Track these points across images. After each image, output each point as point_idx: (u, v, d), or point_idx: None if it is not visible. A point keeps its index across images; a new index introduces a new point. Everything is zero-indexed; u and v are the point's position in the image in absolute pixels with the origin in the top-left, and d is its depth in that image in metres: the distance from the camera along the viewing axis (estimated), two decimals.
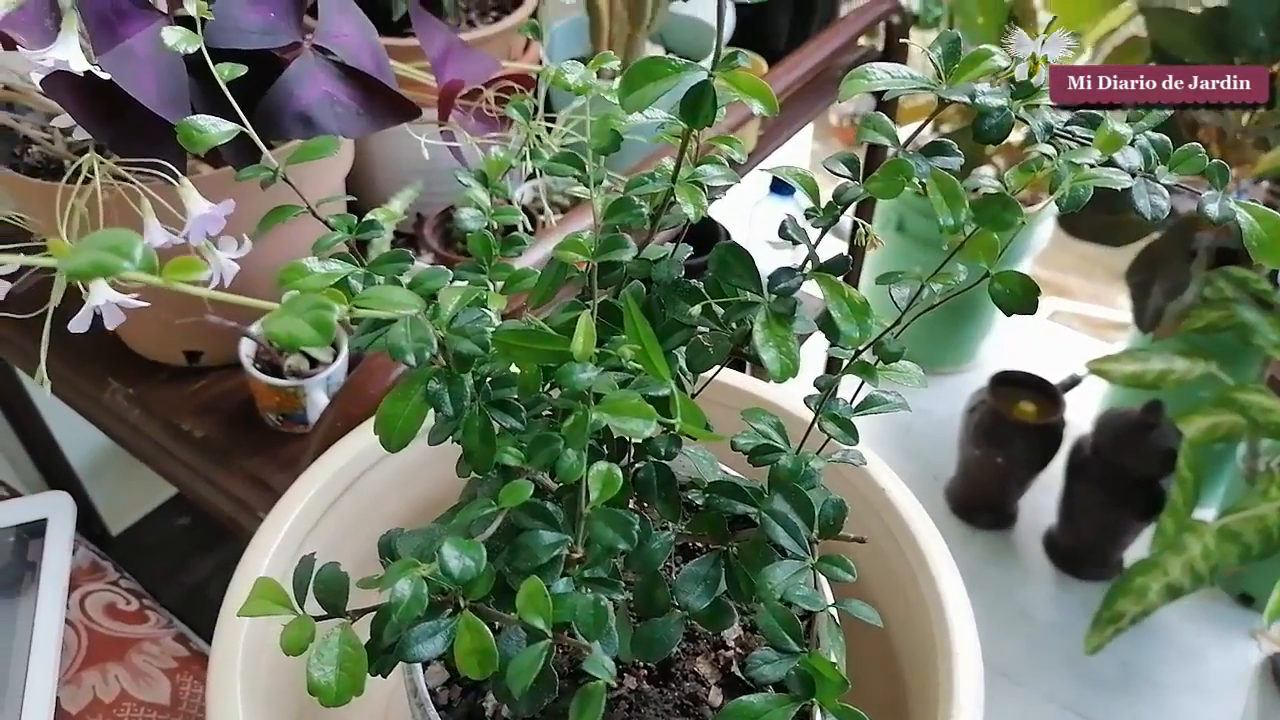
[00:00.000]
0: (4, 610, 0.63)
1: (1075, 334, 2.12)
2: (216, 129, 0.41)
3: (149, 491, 1.26)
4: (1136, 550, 1.59)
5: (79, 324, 0.53)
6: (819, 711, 0.32)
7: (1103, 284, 2.23)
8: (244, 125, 0.42)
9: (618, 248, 0.33)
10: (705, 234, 1.32)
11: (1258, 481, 1.31)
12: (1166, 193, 0.31)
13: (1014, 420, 1.62)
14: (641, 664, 0.46)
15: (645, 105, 0.31)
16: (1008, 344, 2.01)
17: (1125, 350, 1.52)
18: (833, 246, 0.36)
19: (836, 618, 0.37)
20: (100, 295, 0.50)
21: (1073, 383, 1.66)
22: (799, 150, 2.15)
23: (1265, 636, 1.33)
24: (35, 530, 0.68)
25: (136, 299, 0.50)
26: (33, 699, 0.59)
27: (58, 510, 0.70)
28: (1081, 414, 1.70)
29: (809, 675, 0.32)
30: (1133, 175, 0.31)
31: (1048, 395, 1.65)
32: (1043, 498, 1.69)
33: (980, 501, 1.73)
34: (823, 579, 0.40)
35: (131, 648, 0.66)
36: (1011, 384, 1.66)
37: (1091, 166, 0.30)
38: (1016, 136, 0.32)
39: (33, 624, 0.62)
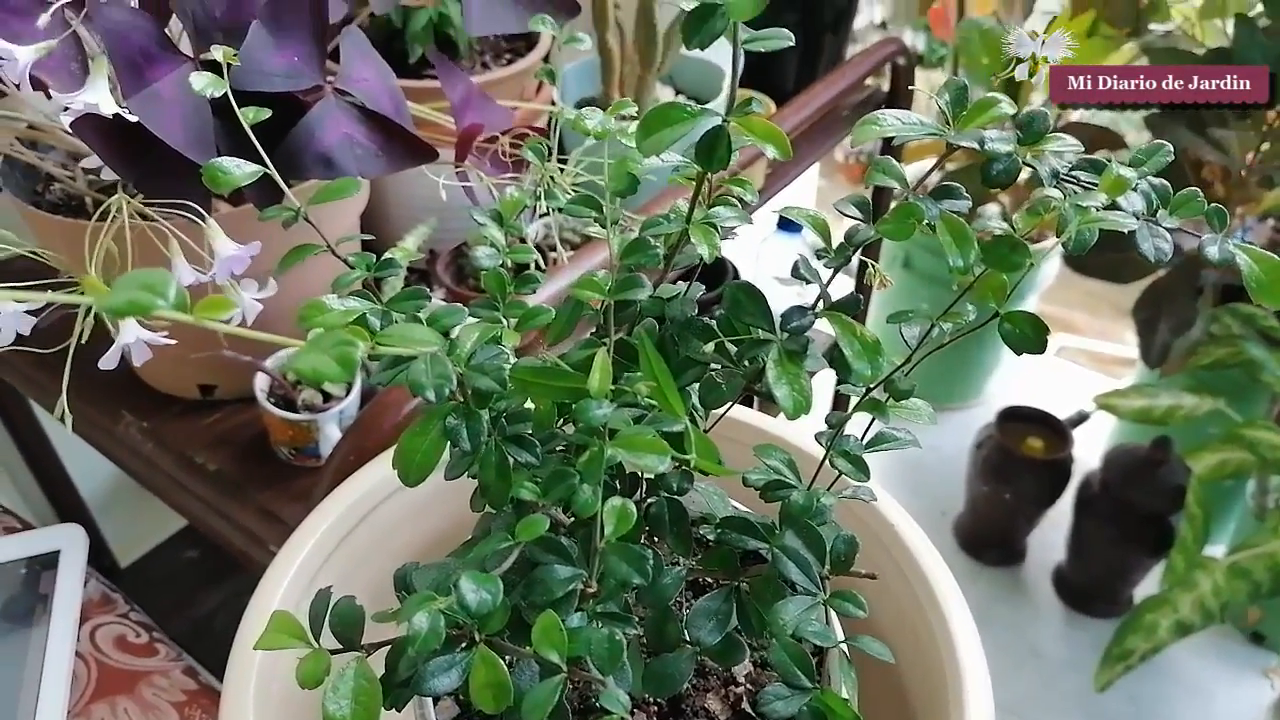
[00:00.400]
0: (15, 641, 0.64)
1: (1082, 370, 2.12)
2: (240, 170, 0.42)
3: (158, 524, 1.26)
4: (1146, 587, 1.58)
5: (108, 361, 0.53)
6: None
7: (1109, 320, 2.24)
8: (267, 167, 0.43)
9: (634, 287, 0.33)
10: (714, 270, 1.33)
11: (1267, 518, 1.31)
12: (1169, 235, 0.32)
13: (1022, 456, 1.62)
14: (652, 700, 0.46)
15: (662, 149, 0.32)
16: (1015, 380, 2.01)
17: (1133, 385, 1.52)
18: (840, 282, 0.36)
19: (848, 654, 0.38)
20: (130, 333, 0.51)
21: (1080, 419, 1.66)
22: (806, 187, 2.17)
23: (1277, 675, 1.32)
24: (48, 562, 0.69)
25: (166, 337, 0.51)
26: None
27: (70, 543, 0.70)
28: (1089, 450, 1.70)
29: (821, 712, 0.32)
30: (1136, 218, 0.31)
31: (1055, 431, 1.65)
32: (1051, 534, 1.68)
33: (989, 537, 1.72)
34: (833, 615, 0.40)
35: (141, 680, 0.66)
36: (1019, 420, 1.66)
37: (1097, 210, 0.30)
38: (1021, 176, 0.33)
39: (44, 656, 0.63)
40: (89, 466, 0.95)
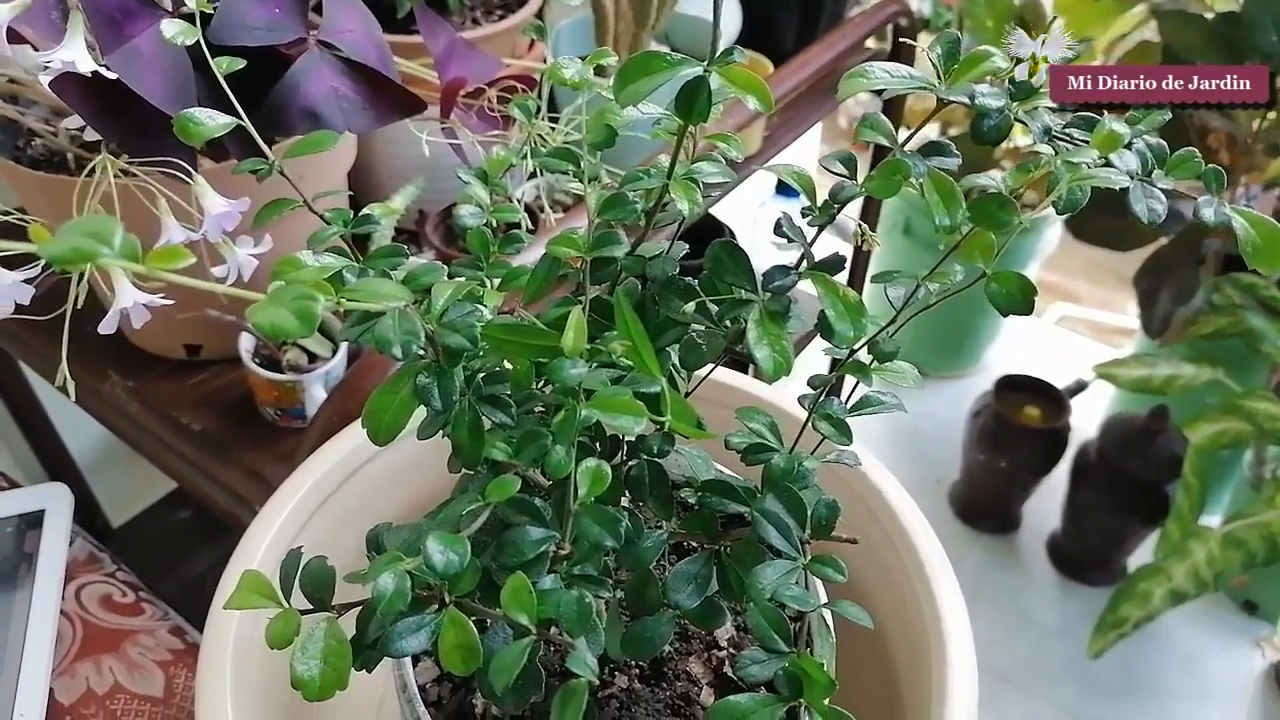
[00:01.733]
0: (0, 600, 0.64)
1: (1082, 339, 2.11)
2: (213, 121, 0.41)
3: (150, 484, 1.26)
4: (1141, 556, 1.59)
5: (107, 326, 0.53)
6: (807, 712, 0.32)
7: (1110, 289, 2.22)
8: (243, 119, 0.42)
9: (610, 243, 0.32)
10: (710, 234, 1.32)
11: (1263, 488, 1.31)
12: (1164, 197, 0.31)
13: (1019, 425, 1.61)
14: (633, 663, 0.46)
15: (640, 99, 0.31)
16: (1013, 348, 2.00)
17: (1132, 355, 1.51)
18: (840, 248, 0.36)
19: (828, 619, 0.37)
20: (127, 297, 0.51)
21: (1079, 388, 1.66)
22: (807, 151, 2.14)
23: (1270, 644, 1.32)
24: (33, 521, 0.68)
25: (163, 299, 0.51)
26: (27, 690, 0.59)
27: (55, 502, 0.70)
28: (1087, 419, 1.69)
29: (797, 676, 0.32)
30: (1130, 178, 0.30)
31: (1053, 400, 1.64)
32: (1047, 502, 1.68)
33: (984, 506, 1.72)
34: (816, 580, 0.39)
35: (126, 640, 0.66)
36: (1017, 388, 1.66)
37: (1088, 167, 0.29)
38: (1024, 141, 0.32)
39: (28, 615, 0.63)
40: (80, 427, 0.95)
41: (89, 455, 1.20)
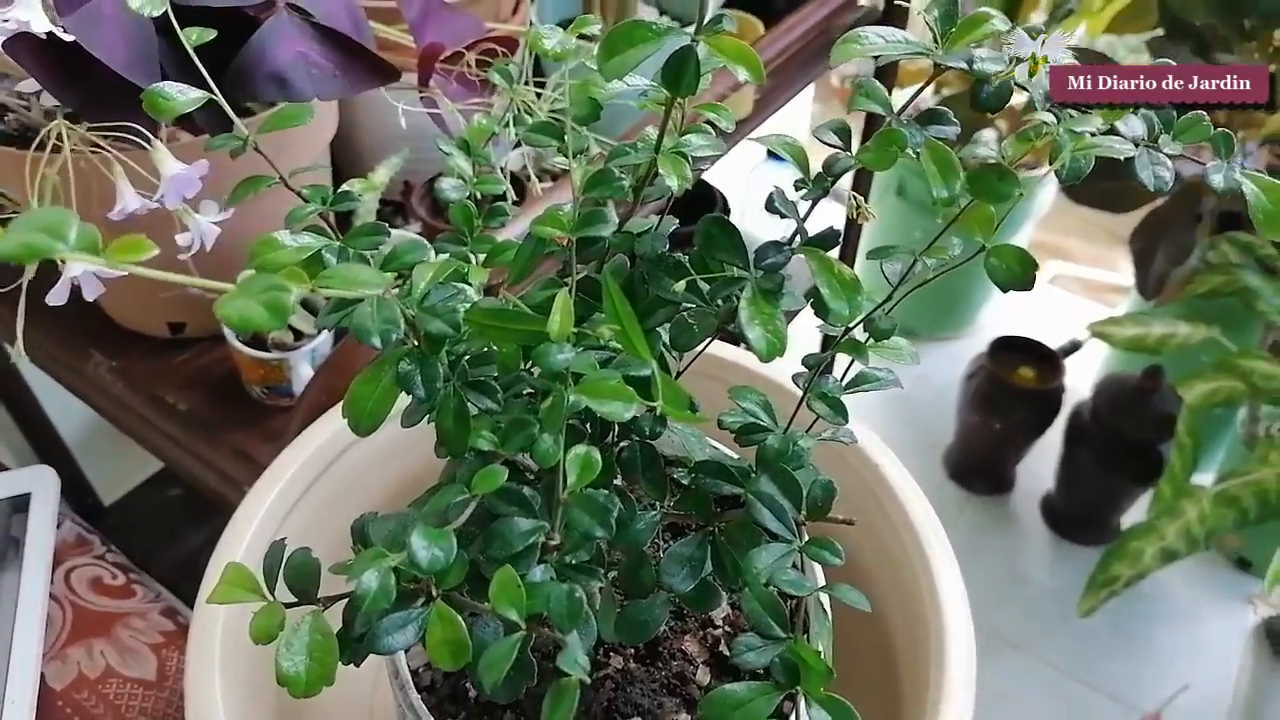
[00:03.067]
0: None
1: (1075, 298, 2.10)
2: (184, 96, 0.40)
3: (141, 462, 1.25)
4: (1134, 515, 1.59)
5: (57, 296, 0.51)
6: (804, 700, 0.31)
7: (1104, 247, 2.21)
8: (213, 93, 0.40)
9: (597, 222, 0.31)
10: (702, 200, 1.30)
11: (1257, 447, 1.31)
12: (1170, 163, 0.30)
13: (1013, 386, 1.61)
14: (629, 643, 0.45)
15: (625, 72, 0.30)
16: (1007, 309, 2.00)
17: (1127, 314, 1.50)
18: (835, 215, 0.34)
19: (824, 602, 0.37)
20: (76, 266, 0.49)
21: (1073, 348, 1.65)
22: (799, 113, 2.12)
23: (1261, 601, 1.33)
24: (19, 505, 0.67)
25: (119, 270, 0.49)
26: (17, 676, 0.58)
27: (41, 484, 0.69)
28: (1081, 379, 1.69)
29: (794, 663, 0.31)
30: (1135, 145, 0.29)
31: (1047, 360, 1.64)
32: (1041, 463, 1.69)
33: (978, 467, 1.72)
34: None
35: (117, 622, 0.65)
36: (1011, 349, 1.65)
37: (1093, 135, 0.28)
38: (1020, 99, 0.31)
39: (16, 600, 0.62)
40: (69, 406, 0.94)
41: (78, 434, 1.18)
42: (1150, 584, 1.27)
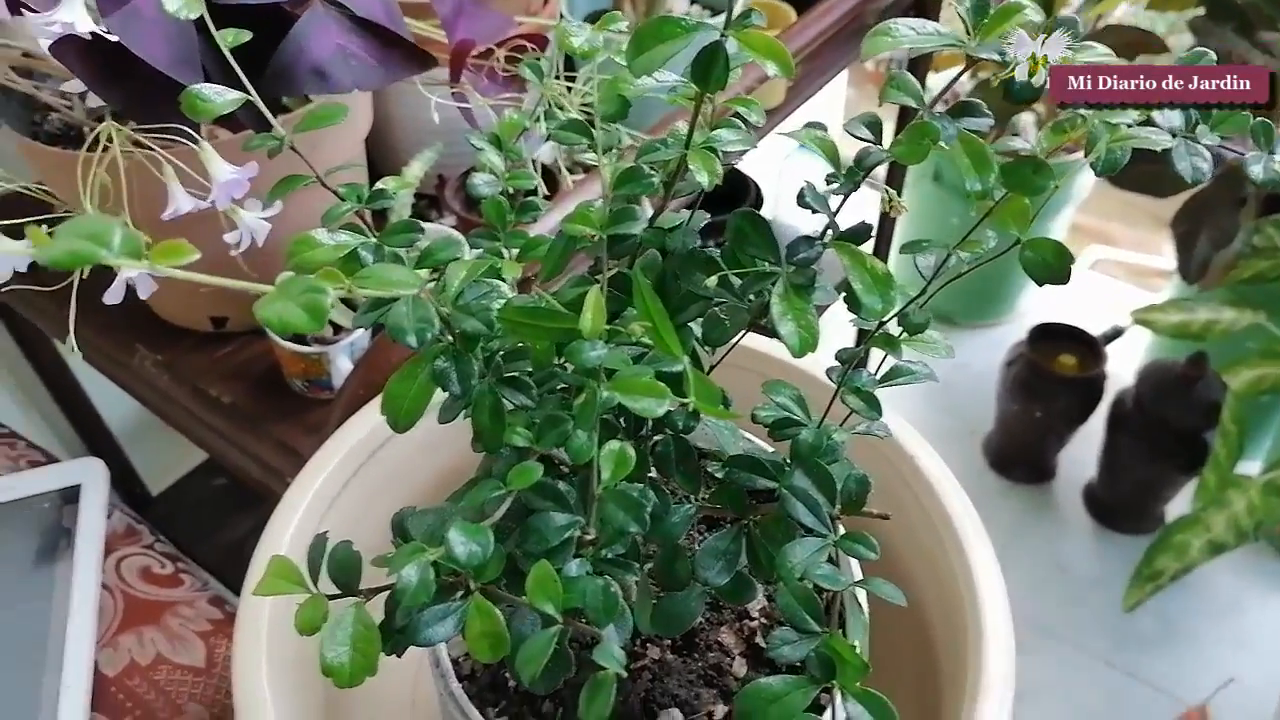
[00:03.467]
0: (42, 576, 0.65)
1: (1117, 283, 2.06)
2: (221, 98, 0.40)
3: (186, 452, 1.27)
4: (1178, 505, 1.56)
5: (113, 296, 0.52)
6: (839, 694, 0.31)
7: (1147, 230, 2.17)
8: (249, 92, 0.41)
9: (628, 220, 0.31)
10: (735, 189, 1.30)
11: None
12: (1208, 154, 0.29)
13: (1054, 373, 1.59)
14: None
15: (654, 68, 0.30)
16: (1048, 295, 1.97)
17: (1170, 300, 1.47)
18: (867, 201, 0.34)
19: (860, 596, 0.37)
20: (131, 269, 0.50)
21: (1115, 334, 1.62)
22: (834, 98, 2.10)
23: None
24: (70, 496, 0.69)
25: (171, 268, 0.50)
26: (72, 663, 0.60)
27: (92, 476, 0.71)
28: (1123, 366, 1.66)
29: (829, 658, 0.31)
30: (1173, 135, 0.29)
31: (1089, 347, 1.61)
32: (1083, 451, 1.66)
33: (1019, 455, 1.70)
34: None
35: (166, 611, 0.67)
36: (1052, 336, 1.63)
37: (1129, 126, 0.28)
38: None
39: (70, 589, 0.64)
40: (116, 398, 0.96)
41: (125, 425, 1.21)
42: (1195, 574, 1.25)
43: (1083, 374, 1.59)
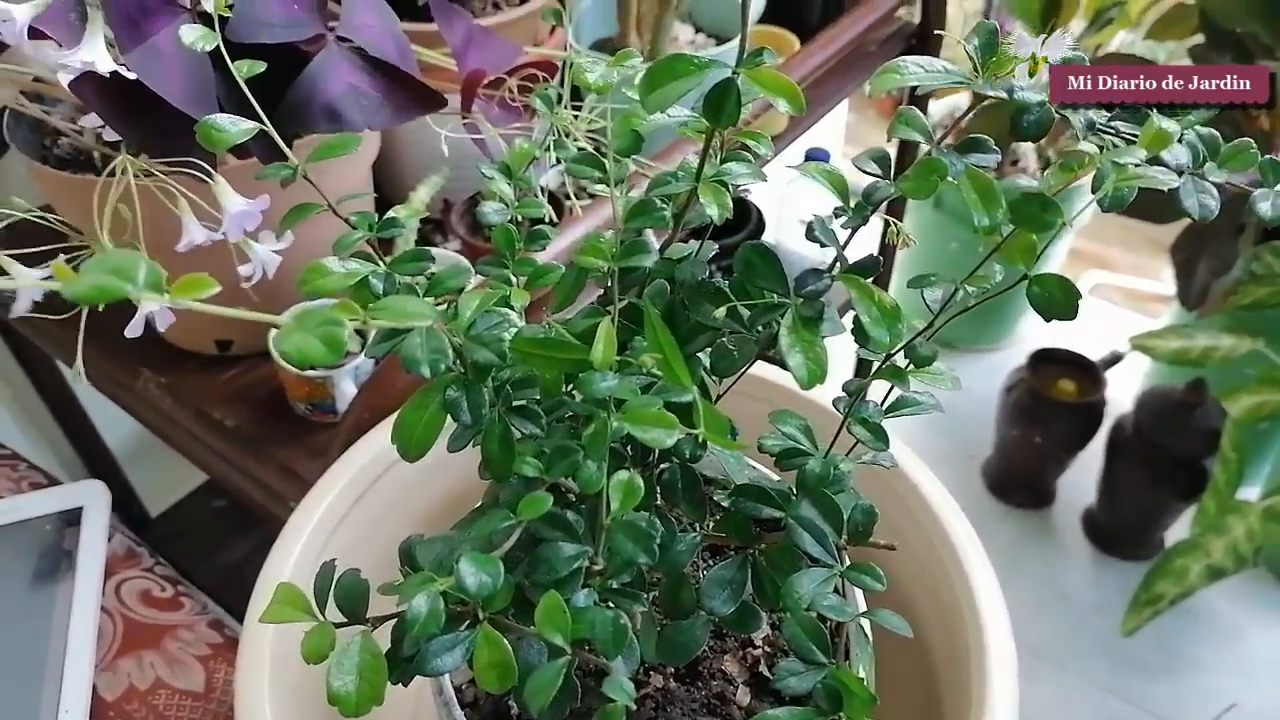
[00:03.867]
0: (42, 598, 0.65)
1: (1116, 309, 2.07)
2: (235, 128, 0.41)
3: (187, 474, 1.27)
4: (1177, 531, 1.56)
5: (134, 330, 0.53)
6: None
7: (1146, 255, 2.18)
8: (264, 123, 0.41)
9: (639, 253, 0.32)
10: (737, 213, 1.30)
11: None
12: (1216, 191, 0.29)
13: (1053, 399, 1.59)
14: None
15: (668, 105, 0.30)
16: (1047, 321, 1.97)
17: (1169, 326, 1.48)
18: (870, 229, 0.34)
19: (866, 627, 0.37)
20: (152, 303, 0.50)
21: (1114, 360, 1.63)
22: (835, 123, 2.11)
23: None
24: (72, 519, 0.69)
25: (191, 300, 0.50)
26: (71, 686, 0.60)
27: (93, 498, 0.71)
28: (1123, 392, 1.66)
29: (836, 690, 0.31)
30: (1179, 173, 0.29)
31: (1088, 373, 1.62)
32: (1082, 477, 1.66)
33: (1018, 480, 1.70)
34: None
35: (166, 635, 0.67)
36: (1051, 362, 1.63)
37: (1136, 166, 0.28)
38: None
39: (70, 612, 0.63)
40: (118, 419, 0.96)
41: (126, 446, 1.21)
42: (1194, 600, 1.24)
43: (1082, 400, 1.59)
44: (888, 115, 2.53)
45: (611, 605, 0.30)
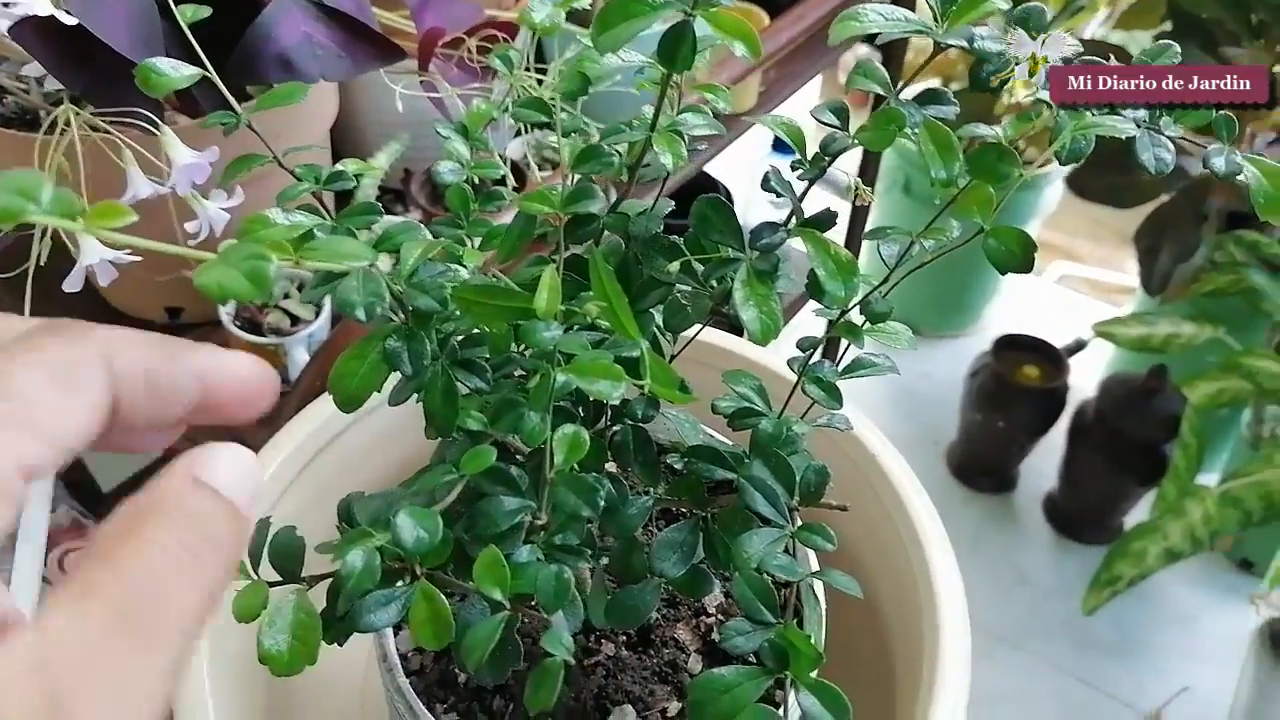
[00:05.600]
0: None
1: (1081, 297, 2.09)
2: (177, 73, 0.39)
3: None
4: (1137, 515, 1.58)
5: (72, 283, 0.51)
6: (793, 686, 0.31)
7: (1111, 248, 2.20)
8: (208, 69, 0.40)
9: (585, 198, 0.31)
10: (703, 189, 1.30)
11: (1262, 447, 1.30)
12: (1171, 145, 0.29)
13: (1017, 384, 1.60)
14: (620, 630, 0.45)
15: (619, 45, 0.29)
16: (1012, 307, 1.99)
17: (1132, 314, 1.49)
18: (836, 206, 0.34)
19: (817, 588, 0.36)
20: (93, 253, 0.49)
21: (1077, 347, 1.64)
22: (806, 108, 2.10)
23: (1263, 601, 1.32)
24: None
25: (130, 255, 0.49)
26: None
27: None
28: (1085, 378, 1.68)
29: (783, 648, 0.31)
30: (1136, 125, 0.29)
31: (1052, 359, 1.63)
32: (1044, 462, 1.68)
33: (981, 465, 1.72)
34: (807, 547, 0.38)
35: None
36: (1015, 347, 1.64)
37: (1093, 115, 0.28)
38: (1027, 94, 0.30)
39: (9, 584, 0.62)
40: None
41: None
42: (1151, 584, 1.26)
43: (1045, 385, 1.60)
44: (860, 103, 2.53)
45: (555, 562, 0.30)
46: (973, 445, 1.70)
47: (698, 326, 0.36)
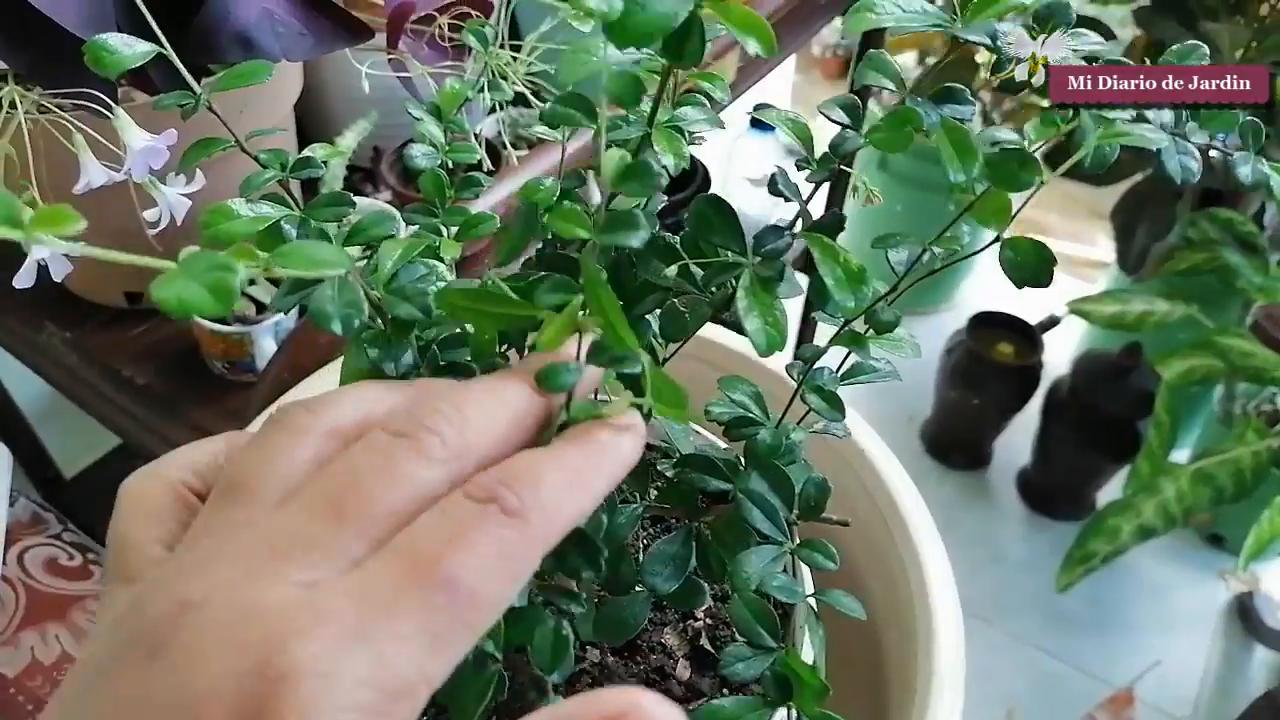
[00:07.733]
0: None
1: (1055, 273, 2.09)
2: (130, 50, 0.36)
3: (104, 434, 1.21)
4: (1110, 491, 1.60)
5: (23, 279, 0.48)
6: (795, 716, 0.29)
7: (1083, 221, 2.20)
8: (163, 46, 0.37)
9: (627, 228, 0.28)
10: (684, 171, 1.27)
11: (1234, 425, 1.31)
12: (1197, 153, 0.27)
13: (992, 362, 1.60)
14: None
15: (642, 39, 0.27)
16: (987, 284, 1.99)
17: (1106, 291, 1.49)
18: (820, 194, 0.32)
19: (815, 608, 0.35)
20: (43, 248, 0.46)
21: (1051, 323, 1.65)
22: (780, 83, 2.08)
23: (1233, 577, 1.34)
24: None
25: (84, 244, 0.46)
26: None
27: None
28: (1059, 355, 1.68)
29: (786, 678, 0.29)
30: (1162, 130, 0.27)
31: (1026, 336, 1.63)
32: (1018, 439, 1.68)
33: (955, 442, 1.72)
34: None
35: (74, 606, 0.62)
36: (990, 325, 1.64)
37: (1123, 122, 0.26)
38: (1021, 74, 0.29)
39: None
40: (29, 376, 0.91)
41: (38, 404, 1.14)
42: (1123, 560, 1.27)
43: (1020, 362, 1.61)
44: (834, 77, 2.50)
45: (550, 604, 0.28)
46: (947, 422, 1.71)
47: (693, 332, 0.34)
